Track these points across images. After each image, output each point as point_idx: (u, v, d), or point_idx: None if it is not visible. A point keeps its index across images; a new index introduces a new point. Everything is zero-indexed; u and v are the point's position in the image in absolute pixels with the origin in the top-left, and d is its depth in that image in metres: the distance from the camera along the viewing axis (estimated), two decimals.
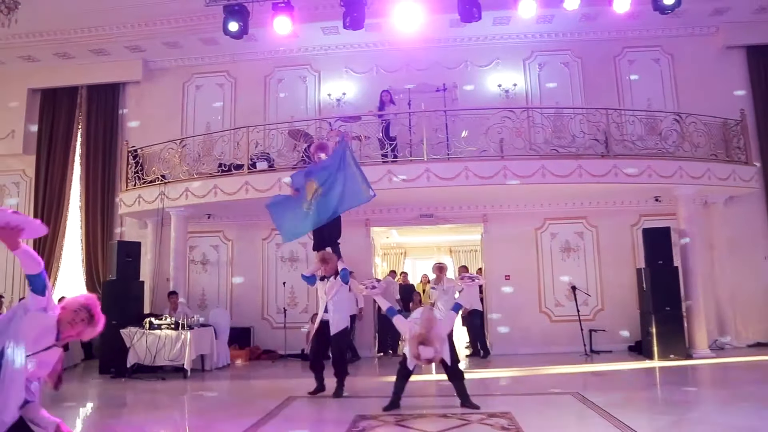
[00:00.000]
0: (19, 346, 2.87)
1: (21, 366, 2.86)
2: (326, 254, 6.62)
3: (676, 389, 7.20)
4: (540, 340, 10.38)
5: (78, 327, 3.05)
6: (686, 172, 9.29)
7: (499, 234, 10.79)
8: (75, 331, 3.06)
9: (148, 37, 11.14)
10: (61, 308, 3.05)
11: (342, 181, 6.64)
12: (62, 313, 3.03)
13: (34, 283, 2.95)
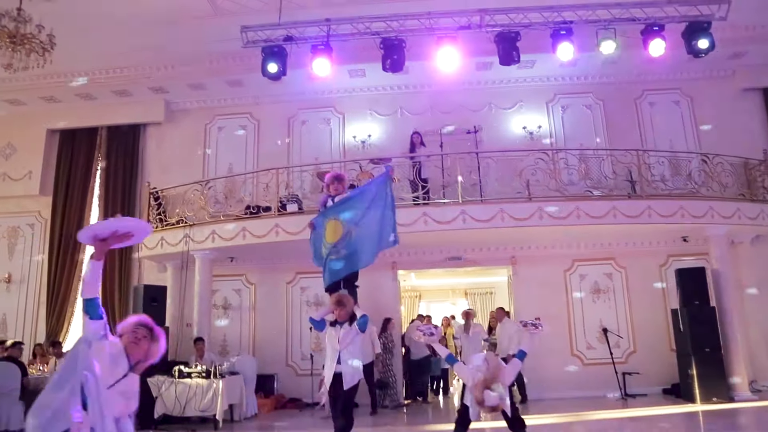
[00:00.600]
0: (97, 380, 2.78)
1: (105, 400, 2.79)
2: (343, 296, 5.77)
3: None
4: (573, 384, 10.19)
5: (143, 345, 3.06)
6: (717, 212, 9.35)
7: (528, 276, 10.70)
8: (142, 351, 3.05)
9: (174, 78, 11.14)
10: (119, 335, 3.06)
11: (378, 220, 5.95)
12: (122, 338, 3.03)
13: (89, 307, 2.97)
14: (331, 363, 5.56)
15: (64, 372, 2.84)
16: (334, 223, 6.00)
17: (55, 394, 2.78)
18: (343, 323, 5.58)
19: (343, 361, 5.53)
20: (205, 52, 10.65)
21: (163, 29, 9.79)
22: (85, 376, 2.77)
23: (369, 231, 5.91)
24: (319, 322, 5.73)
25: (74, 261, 11.43)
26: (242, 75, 11.06)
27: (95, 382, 2.78)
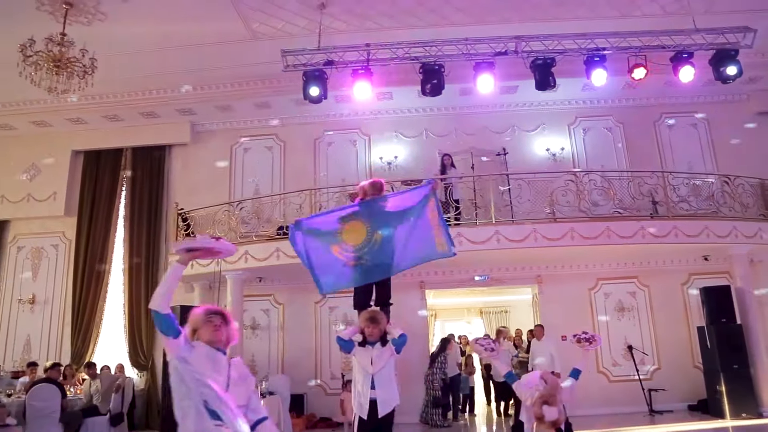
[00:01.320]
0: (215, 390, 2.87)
1: (229, 400, 2.90)
2: (377, 313, 5.18)
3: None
4: (599, 401, 10.33)
5: (222, 331, 3.14)
6: (740, 232, 9.65)
7: (554, 294, 10.91)
8: (224, 336, 3.15)
9: (202, 100, 11.28)
10: (192, 330, 3.12)
11: (419, 231, 5.40)
12: (199, 333, 3.11)
13: (165, 325, 2.96)
14: (363, 388, 4.94)
15: (180, 400, 2.92)
16: (356, 224, 5.35)
17: (185, 422, 2.89)
18: (375, 343, 5.01)
19: (378, 386, 4.91)
20: (234, 75, 10.83)
21: (195, 52, 9.96)
22: (202, 393, 2.86)
23: (401, 240, 5.35)
24: (347, 342, 5.11)
25: (100, 282, 11.43)
26: (270, 97, 11.27)
27: (213, 392, 2.86)
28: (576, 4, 9.18)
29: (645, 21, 9.26)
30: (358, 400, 4.92)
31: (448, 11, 9.18)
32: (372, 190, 5.73)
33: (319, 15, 8.99)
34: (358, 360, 4.99)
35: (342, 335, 5.12)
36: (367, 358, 4.95)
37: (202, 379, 2.87)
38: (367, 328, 4.98)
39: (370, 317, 5.04)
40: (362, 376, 4.92)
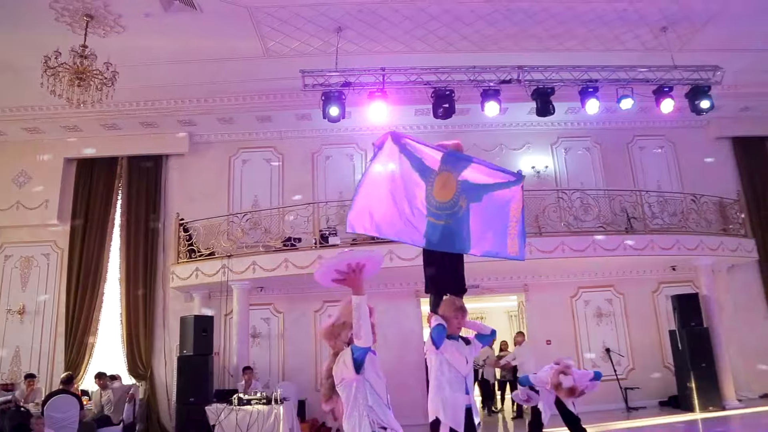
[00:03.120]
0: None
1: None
2: (462, 302, 4.33)
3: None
4: (581, 400, 11.04)
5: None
6: (706, 245, 10.79)
7: (539, 302, 11.75)
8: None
9: (205, 112, 11.46)
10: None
11: (498, 220, 4.66)
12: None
13: (363, 356, 3.10)
14: (457, 393, 4.08)
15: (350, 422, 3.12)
16: (447, 177, 4.49)
17: None
18: (458, 338, 4.25)
19: (469, 390, 4.15)
20: (240, 89, 11.07)
21: (205, 66, 10.21)
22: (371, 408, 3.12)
23: (481, 220, 4.56)
24: (445, 336, 4.15)
25: (95, 291, 11.38)
26: (273, 112, 11.61)
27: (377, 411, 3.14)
28: (568, 37, 10.02)
29: (627, 55, 10.23)
30: (450, 409, 4.04)
31: (454, 38, 9.84)
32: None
33: (335, 37, 9.47)
34: (449, 358, 4.13)
35: (435, 323, 4.21)
36: (461, 356, 4.17)
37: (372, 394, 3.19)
38: (456, 318, 4.21)
39: (462, 306, 4.26)
40: (453, 378, 4.09)
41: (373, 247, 10.05)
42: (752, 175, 12.64)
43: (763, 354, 11.80)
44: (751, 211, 12.33)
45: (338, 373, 3.17)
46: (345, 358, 3.13)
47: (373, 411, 3.12)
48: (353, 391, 3.12)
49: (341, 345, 3.23)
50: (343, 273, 3.18)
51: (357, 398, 3.11)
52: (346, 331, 3.23)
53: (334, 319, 3.33)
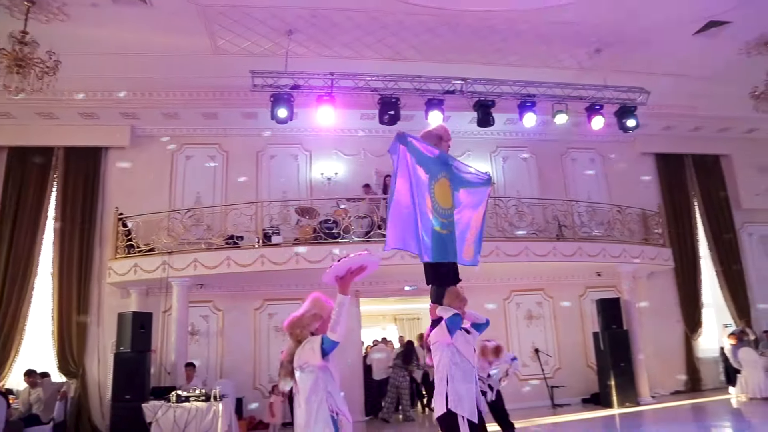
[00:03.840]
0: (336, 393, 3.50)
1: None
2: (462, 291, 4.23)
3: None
4: (511, 397, 11.70)
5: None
6: (628, 254, 11.58)
7: (473, 304, 12.10)
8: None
9: (149, 106, 11.29)
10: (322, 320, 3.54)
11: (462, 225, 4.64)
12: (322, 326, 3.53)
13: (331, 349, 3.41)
14: (469, 385, 4.04)
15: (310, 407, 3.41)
16: (443, 182, 4.36)
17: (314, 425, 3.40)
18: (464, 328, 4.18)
19: (476, 381, 4.13)
20: (186, 85, 11.01)
21: (152, 60, 10.08)
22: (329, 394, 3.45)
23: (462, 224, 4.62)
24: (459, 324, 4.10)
25: (24, 286, 10.96)
26: (219, 109, 11.56)
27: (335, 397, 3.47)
28: (510, 52, 10.53)
29: (564, 72, 10.86)
30: (466, 400, 3.97)
31: (402, 47, 10.16)
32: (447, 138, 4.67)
33: (285, 39, 9.58)
34: (461, 348, 4.08)
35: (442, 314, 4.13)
36: (470, 346, 4.17)
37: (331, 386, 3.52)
38: (460, 309, 4.21)
39: (464, 296, 4.29)
40: (465, 369, 4.04)
41: (314, 247, 10.29)
42: (672, 189, 13.65)
43: (675, 354, 12.79)
44: (670, 223, 13.30)
45: (303, 357, 3.45)
46: (313, 345, 3.43)
47: (331, 397, 3.42)
48: (316, 376, 3.41)
49: (306, 334, 3.55)
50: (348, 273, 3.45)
51: (318, 383, 3.40)
52: (315, 322, 3.59)
53: (305, 310, 3.65)
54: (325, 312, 3.61)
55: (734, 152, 14.13)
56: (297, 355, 3.52)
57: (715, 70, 11.26)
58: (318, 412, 3.38)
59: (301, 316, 3.64)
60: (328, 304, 3.64)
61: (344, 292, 3.45)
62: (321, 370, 3.44)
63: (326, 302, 3.68)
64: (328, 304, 3.63)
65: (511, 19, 9.45)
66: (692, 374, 12.94)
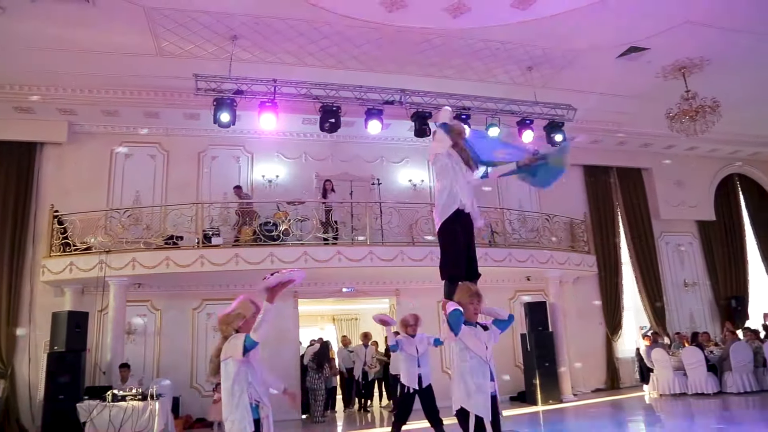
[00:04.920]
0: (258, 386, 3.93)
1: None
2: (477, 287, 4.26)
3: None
4: (441, 396, 12.26)
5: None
6: (555, 260, 12.31)
7: (409, 305, 12.67)
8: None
9: (89, 103, 11.18)
10: (245, 320, 3.95)
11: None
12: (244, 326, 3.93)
13: (252, 347, 3.79)
14: (482, 381, 3.95)
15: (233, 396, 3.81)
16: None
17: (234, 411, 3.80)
18: (475, 325, 4.14)
19: (494, 377, 4.08)
20: (127, 83, 10.97)
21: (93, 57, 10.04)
22: (250, 384, 3.86)
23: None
24: (463, 321, 4.00)
25: None
26: (161, 108, 11.57)
27: (256, 387, 3.88)
28: (446, 66, 11.01)
29: (498, 87, 11.45)
30: (475, 397, 3.89)
31: (344, 57, 10.48)
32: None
33: (230, 44, 9.75)
34: (469, 344, 4.01)
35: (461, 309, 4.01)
36: (482, 343, 4.09)
37: (252, 376, 3.90)
38: (472, 304, 4.13)
39: (477, 291, 4.19)
40: (476, 365, 3.98)
41: (254, 249, 10.49)
42: (597, 200, 14.54)
43: (597, 355, 13.64)
44: (595, 231, 14.16)
45: (227, 352, 3.87)
46: (237, 341, 3.84)
47: (251, 386, 3.84)
48: (238, 369, 3.81)
49: (231, 331, 3.98)
50: (278, 285, 3.87)
51: (240, 375, 3.81)
52: (238, 321, 4.01)
53: (231, 309, 4.09)
54: (249, 313, 4.05)
55: (654, 166, 15.19)
56: (223, 350, 3.93)
57: (637, 91, 12.12)
58: (239, 400, 3.78)
59: (227, 314, 4.08)
60: (254, 305, 4.09)
61: (270, 300, 3.86)
62: (243, 364, 3.83)
63: (252, 304, 4.11)
64: (253, 306, 4.08)
65: (447, 36, 9.92)
66: (612, 373, 13.84)
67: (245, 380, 3.82)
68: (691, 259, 15.53)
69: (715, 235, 15.67)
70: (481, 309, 4.20)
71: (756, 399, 11.03)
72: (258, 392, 3.88)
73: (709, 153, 15.64)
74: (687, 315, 15.11)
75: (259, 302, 4.15)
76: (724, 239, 15.76)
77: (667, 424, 9.89)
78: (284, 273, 3.93)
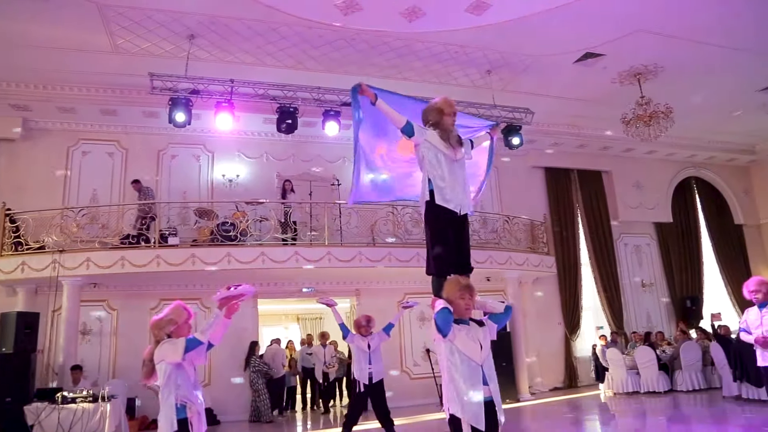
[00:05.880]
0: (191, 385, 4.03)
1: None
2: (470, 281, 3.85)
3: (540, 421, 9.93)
4: (402, 395, 12.40)
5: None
6: (513, 261, 12.47)
7: (369, 305, 12.72)
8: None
9: (43, 99, 11.00)
10: (175, 326, 4.05)
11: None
12: (176, 331, 4.05)
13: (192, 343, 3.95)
14: (474, 386, 3.50)
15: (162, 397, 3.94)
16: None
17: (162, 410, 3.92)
18: (468, 321, 3.68)
19: (489, 380, 3.58)
20: (84, 80, 10.80)
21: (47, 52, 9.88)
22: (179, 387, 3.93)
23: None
24: (452, 320, 3.58)
25: None
26: (119, 106, 11.43)
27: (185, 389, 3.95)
28: (406, 68, 11.07)
29: (459, 90, 11.54)
30: (468, 404, 3.49)
31: (303, 58, 10.47)
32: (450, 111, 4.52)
33: (187, 43, 9.66)
34: (459, 345, 3.58)
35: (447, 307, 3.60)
36: (474, 343, 3.60)
37: (183, 378, 3.98)
38: (463, 299, 3.65)
39: (468, 285, 3.72)
40: (467, 369, 3.54)
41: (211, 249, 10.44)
42: (558, 201, 14.79)
43: (556, 354, 13.90)
44: (555, 232, 14.39)
45: (159, 355, 3.96)
46: (171, 345, 3.94)
47: (180, 388, 3.92)
48: (169, 371, 3.92)
49: (163, 336, 4.06)
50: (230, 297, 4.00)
51: (170, 378, 3.92)
52: (170, 326, 4.09)
53: (164, 314, 4.17)
54: (181, 319, 4.14)
55: (614, 169, 15.49)
56: (155, 353, 4.01)
57: (594, 95, 12.35)
58: (166, 401, 3.90)
59: (159, 319, 4.15)
60: (186, 311, 4.21)
61: (221, 308, 4.00)
62: (174, 367, 3.92)
63: (185, 310, 4.22)
64: (186, 312, 4.21)
65: (406, 39, 9.98)
66: (570, 372, 14.10)
67: (174, 383, 3.92)
68: (648, 260, 15.88)
69: (672, 236, 16.05)
70: (473, 304, 3.73)
71: (704, 396, 11.39)
72: (187, 394, 3.96)
73: (667, 156, 16.01)
74: (644, 314, 15.45)
75: (191, 309, 4.30)
76: (681, 241, 16.16)
77: (620, 422, 10.13)
78: (232, 290, 4.03)
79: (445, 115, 4.42)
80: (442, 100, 4.53)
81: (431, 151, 4.32)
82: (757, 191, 17.24)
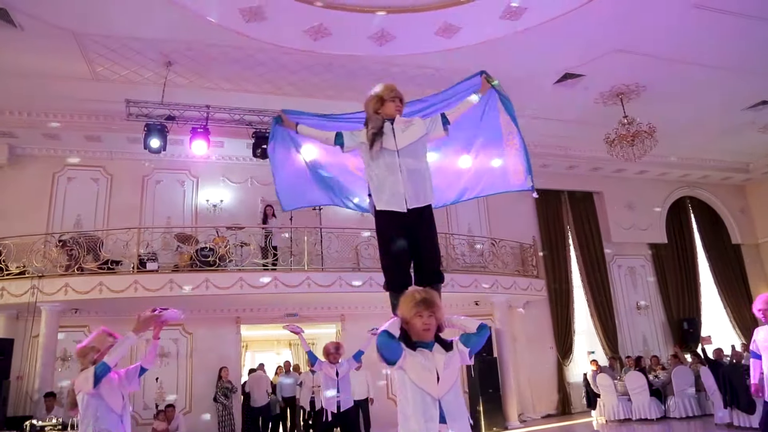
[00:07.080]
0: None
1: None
2: (432, 294, 3.12)
3: None
4: (390, 423, 12.15)
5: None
6: (500, 284, 12.29)
7: (354, 330, 12.59)
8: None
9: (28, 126, 11.14)
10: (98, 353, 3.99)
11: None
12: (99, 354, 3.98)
13: (140, 374, 4.13)
14: (424, 423, 2.77)
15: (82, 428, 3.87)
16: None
17: None
18: (430, 345, 2.97)
19: (449, 418, 2.82)
20: (67, 107, 10.96)
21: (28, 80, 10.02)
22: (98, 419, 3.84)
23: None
24: (397, 344, 2.87)
25: None
26: (102, 133, 11.54)
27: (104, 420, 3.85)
28: None
29: None
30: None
31: (281, 83, 10.52)
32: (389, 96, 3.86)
33: (164, 70, 9.76)
34: (411, 376, 2.87)
35: (388, 330, 2.88)
36: (430, 372, 2.89)
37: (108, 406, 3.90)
38: (420, 317, 2.94)
39: (424, 299, 2.98)
40: (420, 404, 2.83)
41: (189, 274, 10.41)
42: (549, 223, 14.61)
43: (548, 379, 13.59)
44: (546, 255, 14.20)
45: (77, 386, 3.89)
46: (87, 374, 3.85)
47: (99, 420, 3.82)
48: (87, 402, 3.84)
49: (87, 364, 3.98)
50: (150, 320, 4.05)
51: (88, 409, 3.83)
52: (93, 354, 4.02)
53: (86, 342, 4.11)
54: (104, 345, 4.07)
55: (605, 189, 15.31)
56: (75, 384, 3.95)
57: (578, 116, 12.27)
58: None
59: (83, 347, 4.08)
60: (111, 337, 4.14)
61: (135, 331, 3.99)
62: (92, 397, 3.82)
63: (108, 336, 4.15)
64: (110, 338, 4.14)
65: (383, 62, 9.99)
66: (563, 398, 13.77)
67: (93, 415, 3.82)
68: (643, 282, 15.60)
69: (667, 257, 15.77)
70: (435, 322, 2.98)
71: (697, 424, 11.04)
72: (108, 426, 3.85)
73: (660, 176, 15.82)
74: (640, 338, 15.13)
75: (117, 334, 4.21)
76: (677, 262, 15.87)
77: None
78: (158, 313, 4.09)
79: (386, 101, 3.78)
80: (382, 86, 3.88)
81: (367, 153, 3.71)
82: (754, 210, 16.95)
